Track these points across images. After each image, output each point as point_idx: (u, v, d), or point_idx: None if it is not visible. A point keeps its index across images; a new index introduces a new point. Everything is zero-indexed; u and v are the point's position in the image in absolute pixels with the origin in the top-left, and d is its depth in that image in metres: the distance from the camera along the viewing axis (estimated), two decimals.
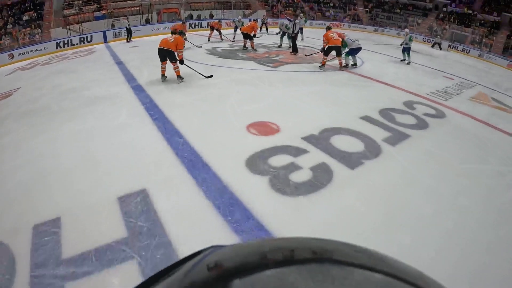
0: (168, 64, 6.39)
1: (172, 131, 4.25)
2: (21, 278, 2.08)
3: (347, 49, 8.23)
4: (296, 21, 10.18)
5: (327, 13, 22.48)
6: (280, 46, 11.33)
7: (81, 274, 2.08)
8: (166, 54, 6.20)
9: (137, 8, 15.69)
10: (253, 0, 21.19)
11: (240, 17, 13.95)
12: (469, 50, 16.27)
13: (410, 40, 10.07)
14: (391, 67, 9.62)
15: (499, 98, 7.97)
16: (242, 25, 12.78)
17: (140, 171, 3.25)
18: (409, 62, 10.21)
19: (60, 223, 2.53)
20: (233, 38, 12.52)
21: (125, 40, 13.14)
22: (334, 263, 0.25)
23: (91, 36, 13.13)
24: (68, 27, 13.35)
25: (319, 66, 8.28)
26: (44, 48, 12.05)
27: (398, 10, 22.10)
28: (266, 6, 21.30)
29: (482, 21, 18.20)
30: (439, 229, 2.66)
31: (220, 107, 5.19)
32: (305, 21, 10.24)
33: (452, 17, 19.58)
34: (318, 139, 3.99)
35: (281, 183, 3.05)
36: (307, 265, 0.25)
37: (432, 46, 17.33)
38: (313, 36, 14.44)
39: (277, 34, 12.69)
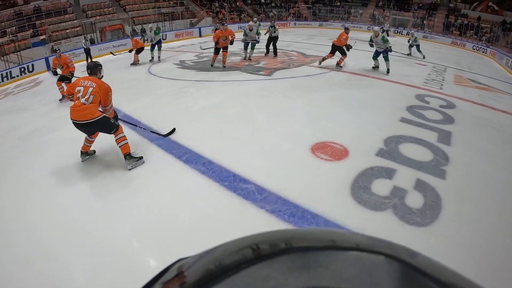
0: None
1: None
2: None
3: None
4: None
5: (271, 14, 22.72)
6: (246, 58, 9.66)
7: None
8: (90, 130, 3.47)
9: (77, 29, 13.97)
10: (197, 8, 20.43)
11: (150, 25, 11.35)
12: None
13: (384, 40, 7.59)
14: (370, 61, 9.95)
15: (474, 78, 8.80)
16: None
17: None
18: (388, 70, 7.95)
19: None
20: (135, 61, 9.75)
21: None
22: (299, 251, 0.26)
23: (32, 65, 11.28)
24: (3, 57, 11.29)
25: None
26: None
27: (338, 3, 23.27)
28: (211, 13, 20.68)
29: (420, 4, 20.01)
30: None
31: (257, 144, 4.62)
32: (259, 25, 10.12)
33: (391, 4, 21.20)
34: (391, 153, 3.85)
35: (406, 213, 2.83)
36: (276, 258, 0.25)
37: None
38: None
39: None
